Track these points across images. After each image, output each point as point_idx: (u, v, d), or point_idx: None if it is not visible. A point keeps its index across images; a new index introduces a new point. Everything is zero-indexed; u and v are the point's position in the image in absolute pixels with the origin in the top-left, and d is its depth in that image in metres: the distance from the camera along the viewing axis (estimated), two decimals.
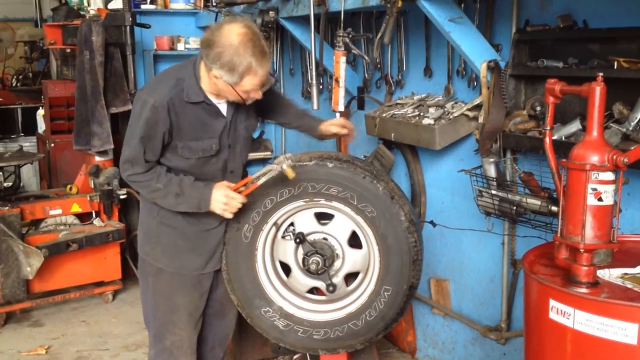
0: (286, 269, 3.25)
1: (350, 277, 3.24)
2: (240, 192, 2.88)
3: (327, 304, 3.22)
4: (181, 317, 3.12)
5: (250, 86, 2.74)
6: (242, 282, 3.14)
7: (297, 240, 3.10)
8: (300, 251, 3.14)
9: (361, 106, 4.48)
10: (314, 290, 3.28)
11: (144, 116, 2.77)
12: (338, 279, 3.16)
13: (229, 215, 2.89)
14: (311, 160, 2.99)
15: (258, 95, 2.82)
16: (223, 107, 2.92)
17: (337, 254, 3.14)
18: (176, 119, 2.81)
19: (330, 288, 3.11)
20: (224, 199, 2.84)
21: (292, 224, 3.18)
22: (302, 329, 3.16)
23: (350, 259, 3.16)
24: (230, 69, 2.65)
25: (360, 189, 2.95)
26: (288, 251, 3.18)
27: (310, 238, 3.14)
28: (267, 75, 2.79)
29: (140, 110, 2.79)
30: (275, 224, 3.12)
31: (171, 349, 3.15)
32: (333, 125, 3.28)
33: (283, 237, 3.19)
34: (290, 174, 2.84)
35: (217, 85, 2.77)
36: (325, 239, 3.15)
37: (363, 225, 3.04)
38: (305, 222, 3.15)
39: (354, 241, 3.17)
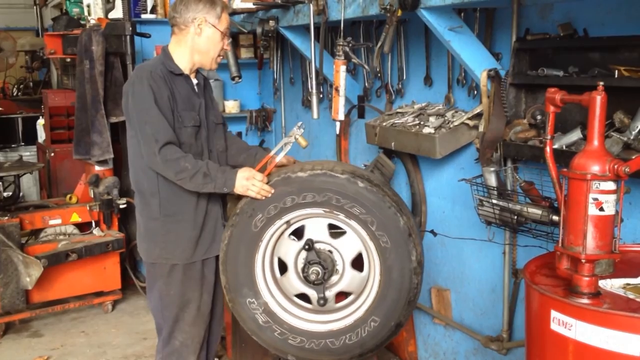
0: (282, 268, 3.23)
1: (341, 294, 3.22)
2: (262, 172, 3.05)
3: (311, 314, 3.20)
4: (191, 313, 3.23)
5: (226, 23, 3.17)
6: (236, 266, 3.12)
7: (307, 246, 3.08)
8: (303, 256, 3.12)
9: (361, 115, 4.47)
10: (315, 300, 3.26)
11: (146, 85, 2.99)
12: (330, 294, 3.14)
13: (252, 195, 2.99)
14: (343, 173, 2.96)
15: (227, 44, 3.22)
16: (196, 88, 3.23)
17: (337, 269, 3.12)
18: (171, 86, 3.07)
19: (322, 301, 3.09)
20: (246, 174, 3.00)
21: (303, 227, 3.16)
22: (280, 330, 3.14)
23: (348, 278, 3.14)
24: (211, 4, 3.10)
25: (383, 217, 2.93)
26: (290, 251, 3.16)
27: (316, 246, 3.12)
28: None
29: (140, 85, 3.01)
30: (288, 222, 3.10)
31: (180, 350, 3.25)
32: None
33: (290, 237, 3.17)
34: (303, 142, 3.08)
35: (199, 40, 3.11)
36: (330, 251, 3.13)
37: (372, 252, 3.02)
38: (317, 229, 3.13)
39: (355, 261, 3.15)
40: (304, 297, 3.25)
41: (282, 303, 3.19)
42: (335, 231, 3.15)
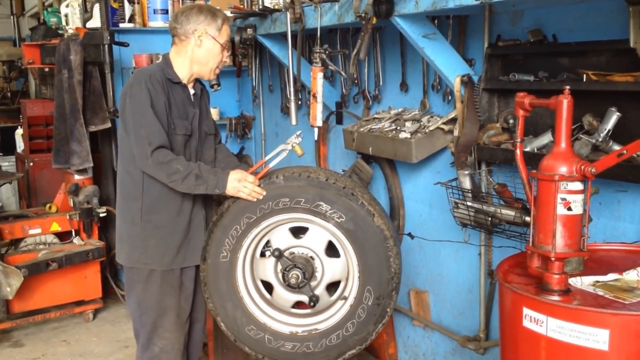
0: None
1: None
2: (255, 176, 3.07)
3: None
4: (170, 319, 3.25)
5: (226, 36, 3.19)
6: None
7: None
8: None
9: (339, 121, 4.52)
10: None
11: (145, 88, 3.01)
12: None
13: (243, 196, 3.01)
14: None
15: (227, 56, 3.24)
16: (192, 98, 3.25)
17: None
18: (168, 93, 3.10)
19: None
20: (238, 176, 3.02)
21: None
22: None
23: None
24: (212, 16, 3.13)
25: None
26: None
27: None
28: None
29: (138, 88, 3.02)
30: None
31: (160, 355, 3.26)
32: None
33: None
34: (299, 151, 3.18)
35: (199, 52, 3.14)
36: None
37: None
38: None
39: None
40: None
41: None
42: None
